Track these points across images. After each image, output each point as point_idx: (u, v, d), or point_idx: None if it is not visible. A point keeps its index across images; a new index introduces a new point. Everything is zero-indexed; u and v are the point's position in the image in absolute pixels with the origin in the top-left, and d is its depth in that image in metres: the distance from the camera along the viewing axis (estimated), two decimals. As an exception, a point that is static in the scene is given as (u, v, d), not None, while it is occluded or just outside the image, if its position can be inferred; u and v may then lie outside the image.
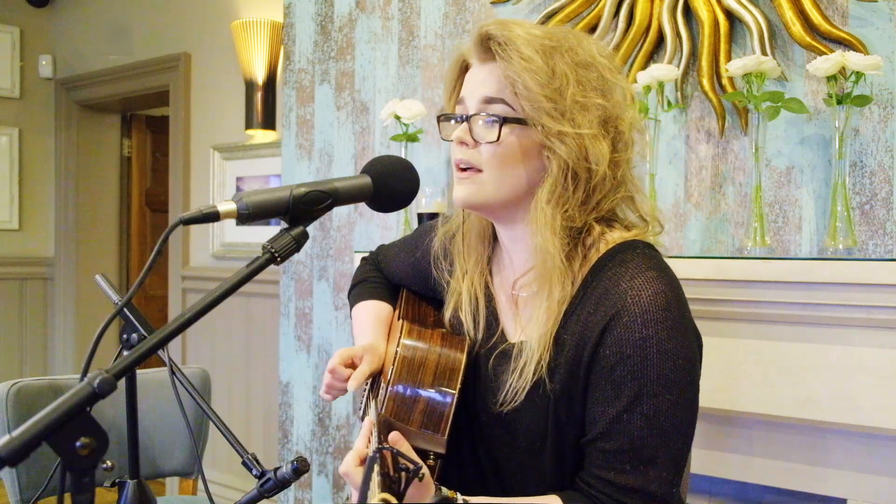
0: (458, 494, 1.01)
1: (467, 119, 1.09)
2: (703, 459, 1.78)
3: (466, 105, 1.10)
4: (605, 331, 1.01)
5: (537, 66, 1.03)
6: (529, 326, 1.10)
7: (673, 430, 1.00)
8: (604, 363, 1.01)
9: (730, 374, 1.72)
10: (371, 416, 1.15)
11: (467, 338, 1.18)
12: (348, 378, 1.18)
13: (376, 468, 0.76)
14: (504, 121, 1.05)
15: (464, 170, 1.10)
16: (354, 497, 1.04)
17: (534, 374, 1.05)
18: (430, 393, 1.09)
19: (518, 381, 1.07)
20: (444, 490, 1.00)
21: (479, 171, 1.08)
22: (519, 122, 1.06)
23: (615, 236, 1.09)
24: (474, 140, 1.08)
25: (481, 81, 1.09)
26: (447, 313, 1.24)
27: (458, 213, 1.24)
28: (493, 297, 1.20)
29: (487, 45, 1.07)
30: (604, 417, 1.01)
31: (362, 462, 1.02)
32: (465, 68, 1.14)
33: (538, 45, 1.05)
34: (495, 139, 1.06)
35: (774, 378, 1.67)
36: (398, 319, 1.30)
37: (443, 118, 1.16)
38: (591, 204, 1.07)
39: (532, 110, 1.04)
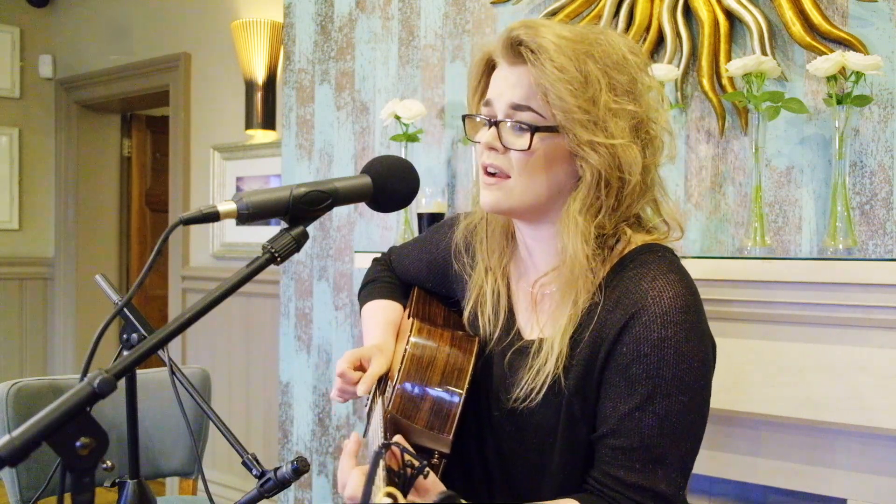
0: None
1: (496, 124, 1.07)
2: (705, 459, 1.78)
3: (494, 108, 1.09)
4: (624, 329, 1.02)
5: (571, 76, 1.01)
6: (549, 325, 1.10)
7: (684, 431, 1.01)
8: (620, 360, 1.02)
9: (731, 374, 1.72)
10: (378, 416, 1.15)
11: (477, 338, 1.18)
12: (358, 381, 1.18)
13: (381, 463, 0.77)
14: (535, 129, 1.04)
15: (491, 174, 1.09)
16: (342, 486, 1.04)
17: (553, 371, 1.05)
18: (437, 392, 1.09)
19: (536, 379, 1.07)
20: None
21: (507, 177, 1.08)
22: (550, 130, 1.04)
23: (637, 239, 1.09)
24: (504, 146, 1.07)
25: (510, 86, 1.07)
26: (467, 307, 1.23)
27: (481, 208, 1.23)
28: (511, 295, 1.20)
29: (518, 50, 1.05)
30: (615, 413, 1.02)
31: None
32: (491, 67, 1.12)
33: (570, 50, 1.02)
34: (526, 147, 1.05)
35: (775, 378, 1.67)
36: (408, 318, 1.30)
37: (468, 117, 1.14)
38: (622, 209, 1.07)
39: (565, 120, 1.03)
